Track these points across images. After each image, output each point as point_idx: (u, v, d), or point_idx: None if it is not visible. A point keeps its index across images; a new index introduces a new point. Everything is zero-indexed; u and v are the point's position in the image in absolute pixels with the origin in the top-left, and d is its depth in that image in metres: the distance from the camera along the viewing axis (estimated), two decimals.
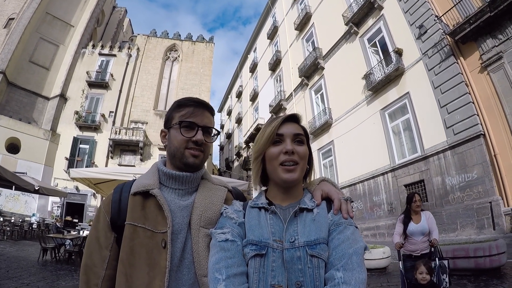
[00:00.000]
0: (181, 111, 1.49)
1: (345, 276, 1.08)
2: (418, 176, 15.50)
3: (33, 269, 9.66)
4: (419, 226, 5.55)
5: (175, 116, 1.50)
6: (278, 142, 1.34)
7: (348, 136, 21.16)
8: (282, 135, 1.34)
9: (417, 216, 5.67)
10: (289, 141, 1.33)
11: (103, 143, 31.63)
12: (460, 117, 13.74)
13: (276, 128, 1.34)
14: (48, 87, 32.99)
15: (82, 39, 35.44)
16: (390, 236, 16.05)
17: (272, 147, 1.34)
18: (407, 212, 5.80)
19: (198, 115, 1.49)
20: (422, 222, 5.57)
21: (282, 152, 1.31)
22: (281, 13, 34.46)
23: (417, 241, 5.56)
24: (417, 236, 5.57)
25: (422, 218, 5.62)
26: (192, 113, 1.48)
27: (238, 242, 1.25)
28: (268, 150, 1.34)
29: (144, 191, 1.39)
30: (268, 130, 1.34)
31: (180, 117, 1.47)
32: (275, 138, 1.34)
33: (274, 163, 1.32)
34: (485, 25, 12.80)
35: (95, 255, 1.38)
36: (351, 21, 21.10)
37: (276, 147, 1.33)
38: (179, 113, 1.49)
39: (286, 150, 1.30)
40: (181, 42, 39.56)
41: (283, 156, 1.30)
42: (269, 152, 1.34)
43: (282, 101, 31.02)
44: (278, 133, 1.34)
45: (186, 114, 1.47)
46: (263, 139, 1.34)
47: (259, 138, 1.37)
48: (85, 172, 8.40)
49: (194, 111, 1.49)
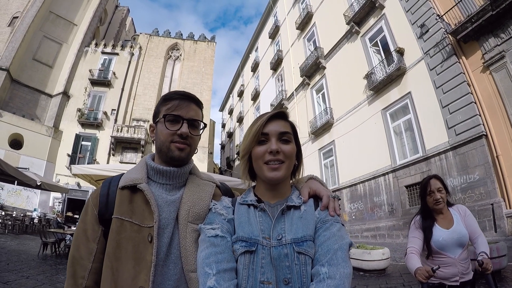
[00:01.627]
0: (167, 104, 1.49)
1: (330, 271, 1.09)
2: (419, 177, 15.33)
3: (33, 262, 9.74)
4: (452, 232, 3.09)
5: (161, 110, 1.50)
6: (264, 142, 1.34)
7: (349, 136, 21.11)
8: (267, 134, 1.34)
9: (444, 216, 3.21)
10: (274, 140, 1.33)
11: (105, 141, 31.78)
12: (462, 118, 13.66)
13: (261, 127, 1.34)
14: (51, 84, 33.29)
15: (85, 38, 35.66)
16: (390, 237, 16.05)
17: (258, 146, 1.34)
18: (425, 211, 3.31)
19: (183, 108, 1.48)
20: (456, 224, 3.13)
21: (267, 151, 1.31)
22: (283, 12, 34.57)
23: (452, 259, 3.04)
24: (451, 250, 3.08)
25: (454, 217, 3.18)
26: (177, 106, 1.47)
27: (228, 238, 1.26)
28: (254, 149, 1.35)
29: (132, 185, 1.40)
30: (254, 129, 1.34)
31: (166, 110, 1.47)
32: (261, 137, 1.34)
33: (259, 162, 1.33)
34: (487, 24, 12.73)
35: (82, 248, 1.39)
36: (353, 20, 21.10)
37: (261, 147, 1.33)
38: (165, 107, 1.49)
39: (271, 150, 1.30)
40: (183, 41, 39.70)
41: (268, 156, 1.31)
42: (255, 151, 1.34)
43: (283, 101, 31.16)
44: (263, 132, 1.34)
45: (171, 108, 1.47)
46: (249, 138, 1.35)
47: (246, 136, 1.39)
48: (86, 169, 8.45)
49: (179, 104, 1.48)
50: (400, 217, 16.14)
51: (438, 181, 3.24)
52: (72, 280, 1.36)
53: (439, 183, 3.23)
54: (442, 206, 3.19)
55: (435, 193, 3.18)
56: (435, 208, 3.20)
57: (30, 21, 31.68)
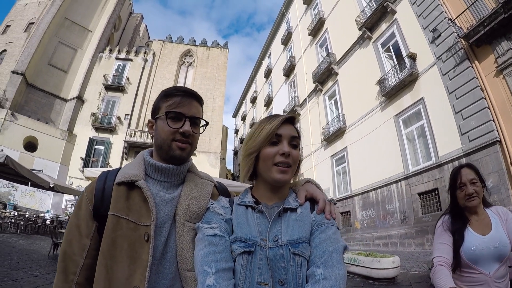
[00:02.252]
0: (168, 101, 1.45)
1: (325, 272, 1.11)
2: (432, 184, 15.20)
3: (43, 262, 9.84)
4: (489, 240, 2.34)
5: (162, 106, 1.46)
6: (275, 143, 1.34)
7: (362, 142, 21.01)
8: (280, 136, 1.34)
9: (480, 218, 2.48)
10: (286, 143, 1.34)
11: (118, 145, 32.28)
12: (475, 123, 13.46)
13: (276, 128, 1.33)
14: (66, 89, 33.99)
15: (99, 44, 36.37)
16: (402, 245, 15.89)
17: (269, 147, 1.34)
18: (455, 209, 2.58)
19: (186, 105, 1.45)
20: (494, 230, 2.39)
21: (279, 153, 1.32)
22: (295, 18, 34.82)
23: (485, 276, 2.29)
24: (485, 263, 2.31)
25: (492, 221, 2.45)
26: (179, 103, 1.43)
27: (226, 238, 1.26)
28: (264, 149, 1.34)
29: (130, 182, 1.36)
30: (267, 129, 1.34)
31: (167, 107, 1.43)
32: (274, 138, 1.34)
33: (268, 162, 1.33)
34: (500, 27, 12.55)
35: (74, 243, 1.35)
36: (364, 26, 21.09)
37: (273, 148, 1.33)
38: (166, 103, 1.44)
39: (283, 152, 1.31)
40: (196, 47, 40.15)
41: (279, 157, 1.32)
42: (265, 151, 1.34)
43: (296, 107, 31.26)
44: (277, 133, 1.34)
45: (173, 104, 1.43)
46: (260, 137, 1.34)
47: (255, 135, 1.37)
48: (99, 172, 8.50)
49: (181, 100, 1.44)
50: (412, 225, 15.91)
51: (472, 171, 2.50)
52: (63, 275, 1.32)
53: (473, 173, 2.48)
54: (476, 202, 2.42)
55: (467, 186, 2.44)
56: (468, 205, 2.43)
57: (46, 27, 32.45)
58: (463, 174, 2.48)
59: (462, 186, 2.47)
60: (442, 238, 2.43)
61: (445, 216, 2.58)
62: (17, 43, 33.05)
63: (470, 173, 2.47)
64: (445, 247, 2.35)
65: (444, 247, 2.35)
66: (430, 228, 14.62)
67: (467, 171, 2.49)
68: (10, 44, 33.34)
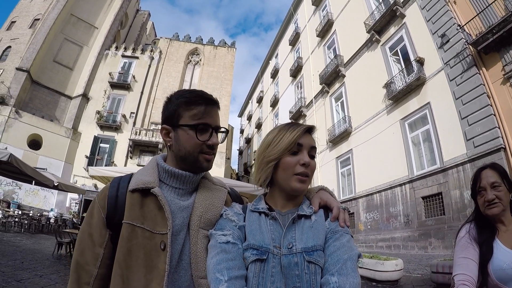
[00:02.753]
0: (191, 109, 1.38)
1: (340, 280, 1.09)
2: (436, 188, 15.26)
3: (47, 262, 9.78)
4: None
5: (184, 115, 1.38)
6: (295, 152, 1.32)
7: (367, 145, 21.05)
8: (301, 146, 1.32)
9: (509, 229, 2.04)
10: (306, 153, 1.33)
11: (123, 143, 32.21)
12: (480, 130, 13.50)
13: (298, 138, 1.32)
14: (71, 86, 33.91)
15: (105, 41, 36.31)
16: (405, 248, 15.93)
17: (289, 156, 1.31)
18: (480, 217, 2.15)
19: (212, 115, 1.41)
20: None
21: (299, 163, 1.30)
22: (303, 19, 34.68)
23: None
24: None
25: None
26: (204, 113, 1.38)
27: (239, 245, 1.25)
28: (285, 158, 1.31)
29: (144, 189, 1.32)
30: (289, 138, 1.31)
31: (192, 117, 1.37)
32: (295, 148, 1.32)
33: (288, 171, 1.30)
34: (509, 35, 12.59)
35: (87, 253, 1.32)
36: (373, 29, 21.08)
37: (293, 157, 1.31)
38: (190, 112, 1.38)
39: (304, 162, 1.30)
40: (203, 46, 40.08)
41: (300, 168, 1.30)
42: (286, 160, 1.31)
43: (302, 108, 31.22)
44: (298, 142, 1.32)
45: (199, 114, 1.37)
46: (282, 145, 1.31)
47: (275, 142, 1.34)
48: (103, 171, 8.59)
49: (206, 110, 1.39)
50: (415, 228, 15.97)
51: (496, 173, 2.06)
52: (76, 286, 1.29)
53: (497, 175, 2.05)
54: (497, 210, 1.98)
55: (487, 191, 2.02)
56: (487, 213, 2.02)
57: (51, 23, 32.38)
58: (484, 177, 2.07)
59: (481, 191, 2.07)
60: (466, 251, 1.96)
61: (470, 225, 2.11)
62: (22, 40, 32.97)
63: (492, 176, 2.05)
64: (470, 263, 1.90)
65: (469, 263, 1.89)
66: (433, 232, 14.73)
67: (489, 173, 2.07)
68: (15, 40, 33.27)
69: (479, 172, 2.12)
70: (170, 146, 1.43)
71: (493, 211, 1.98)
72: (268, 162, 1.34)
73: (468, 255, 1.93)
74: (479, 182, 2.08)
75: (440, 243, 14.26)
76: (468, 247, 1.97)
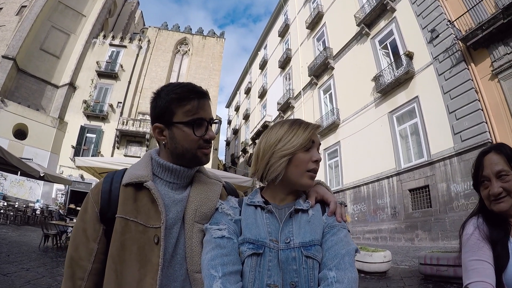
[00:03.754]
0: (184, 105, 1.33)
1: (338, 275, 1.10)
2: (423, 181, 15.48)
3: (33, 254, 9.67)
4: None
5: (177, 112, 1.33)
6: (308, 149, 1.32)
7: (355, 137, 21.17)
8: (313, 143, 1.34)
9: None
10: (317, 150, 1.35)
11: (110, 133, 31.87)
12: (468, 124, 13.69)
13: (313, 135, 1.33)
14: (58, 75, 33.24)
15: (93, 29, 35.65)
16: (392, 240, 16.12)
17: (303, 152, 1.31)
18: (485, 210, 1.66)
19: (205, 109, 1.38)
20: None
21: (312, 160, 1.31)
22: (293, 11, 34.54)
23: None
24: None
25: None
26: (198, 108, 1.35)
27: (234, 240, 1.24)
28: (298, 154, 1.30)
29: (137, 183, 1.31)
30: (305, 134, 1.32)
31: (186, 113, 1.33)
32: (309, 145, 1.33)
33: (301, 168, 1.30)
34: (498, 32, 12.71)
35: (81, 248, 1.31)
36: (363, 22, 21.09)
37: (306, 154, 1.31)
38: (183, 109, 1.33)
39: (317, 159, 1.32)
40: (192, 36, 39.72)
41: (312, 164, 1.31)
42: (299, 156, 1.30)
43: (290, 99, 31.23)
44: (313, 139, 1.34)
45: (193, 110, 1.34)
46: (299, 140, 1.30)
47: (289, 137, 1.32)
48: (90, 161, 8.42)
49: (199, 105, 1.35)
50: (402, 220, 16.20)
51: (502, 158, 1.57)
52: (71, 282, 1.28)
53: (503, 161, 1.56)
54: (505, 206, 1.54)
55: (492, 182, 1.56)
56: (493, 209, 1.57)
57: (39, 10, 31.61)
58: (487, 164, 1.59)
59: (484, 181, 1.60)
60: (479, 252, 1.50)
61: (477, 219, 1.65)
62: (8, 27, 32.24)
63: (498, 162, 1.57)
64: (486, 267, 1.44)
65: (485, 268, 1.44)
66: (420, 224, 14.98)
67: (493, 159, 1.59)
68: (1, 27, 32.48)
69: (482, 158, 1.64)
70: (165, 144, 1.39)
71: (500, 207, 1.54)
72: (281, 157, 1.30)
73: (483, 257, 1.47)
74: (481, 170, 1.61)
75: (426, 235, 14.47)
76: (482, 247, 1.51)
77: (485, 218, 1.61)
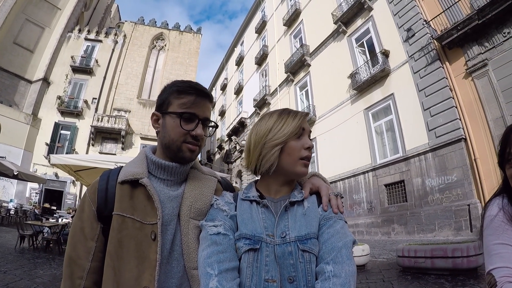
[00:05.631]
0: (181, 98, 1.36)
1: (335, 269, 1.09)
2: (399, 176, 15.77)
3: (10, 256, 9.51)
4: None
5: (173, 103, 1.37)
6: (299, 136, 1.32)
7: (331, 134, 21.36)
8: (304, 130, 1.33)
9: None
10: (307, 137, 1.34)
11: (85, 130, 31.19)
12: (442, 121, 14.04)
13: (302, 122, 1.33)
14: (31, 70, 32.23)
15: (68, 23, 34.71)
16: (369, 234, 16.35)
17: (295, 140, 1.30)
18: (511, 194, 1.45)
19: (200, 106, 1.38)
20: None
21: (304, 147, 1.30)
22: (271, 8, 34.43)
23: None
24: None
25: None
26: (193, 103, 1.36)
27: (230, 236, 1.24)
28: (290, 142, 1.29)
29: (133, 180, 1.32)
30: (295, 121, 1.31)
31: (181, 105, 1.35)
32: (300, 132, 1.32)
33: (294, 156, 1.29)
34: (472, 32, 13.03)
35: (79, 247, 1.30)
36: (340, 20, 21.23)
37: (298, 141, 1.31)
38: (179, 101, 1.36)
39: (309, 146, 1.31)
40: (169, 31, 39.18)
41: (305, 152, 1.30)
42: (291, 144, 1.29)
43: (266, 96, 31.19)
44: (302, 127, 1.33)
45: (187, 104, 1.35)
46: (289, 128, 1.30)
47: (279, 126, 1.31)
48: (66, 159, 8.29)
49: (195, 101, 1.37)
50: (378, 214, 16.51)
51: None
52: (70, 281, 1.28)
53: None
54: None
55: None
56: None
57: (13, 2, 30.51)
58: None
59: (511, 160, 1.43)
60: (504, 235, 1.37)
61: (502, 200, 1.48)
62: None
63: None
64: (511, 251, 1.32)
65: (510, 252, 1.32)
66: (396, 218, 15.27)
67: None
68: None
69: (510, 134, 1.45)
70: (158, 133, 1.43)
71: None
72: (273, 147, 1.29)
73: (508, 241, 1.35)
74: (508, 147, 1.43)
75: (403, 229, 14.78)
76: (506, 230, 1.38)
77: (510, 199, 1.47)
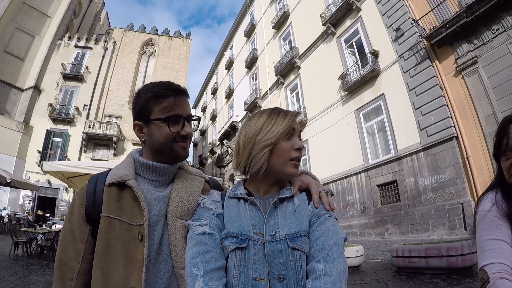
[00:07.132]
0: (161, 103, 1.36)
1: (326, 267, 1.08)
2: (391, 176, 15.77)
3: (4, 263, 9.46)
4: None
5: (154, 109, 1.37)
6: (289, 137, 1.30)
7: (323, 135, 21.36)
8: (294, 130, 1.32)
9: None
10: (298, 138, 1.33)
11: (77, 137, 31.12)
12: (434, 120, 14.06)
13: (293, 122, 1.31)
14: (22, 78, 32.15)
15: (58, 31, 34.66)
16: (362, 235, 16.32)
17: (285, 141, 1.28)
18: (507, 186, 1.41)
19: (182, 105, 1.39)
20: None
21: (294, 148, 1.29)
22: (259, 11, 34.51)
23: None
24: None
25: None
26: (174, 105, 1.36)
27: (216, 235, 1.23)
28: (280, 144, 1.27)
29: (120, 182, 1.33)
30: (285, 122, 1.29)
31: (162, 110, 1.35)
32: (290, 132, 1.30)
33: (284, 156, 1.28)
34: (461, 30, 13.08)
35: (69, 249, 1.32)
36: (329, 21, 21.30)
37: (288, 142, 1.29)
38: (159, 106, 1.36)
39: (299, 146, 1.30)
40: (158, 37, 39.29)
41: (294, 153, 1.29)
42: (281, 145, 1.28)
43: (257, 99, 31.23)
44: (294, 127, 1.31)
45: (169, 107, 1.36)
46: (279, 129, 1.27)
47: (269, 126, 1.29)
48: (58, 166, 8.25)
49: (175, 101, 1.37)
50: (372, 215, 16.48)
51: None
52: (60, 283, 1.29)
53: None
54: None
55: None
56: None
57: (3, 11, 30.37)
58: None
59: (507, 152, 1.40)
60: (497, 231, 1.33)
61: (495, 194, 1.44)
62: None
63: None
64: (505, 247, 1.28)
65: (503, 248, 1.28)
66: (389, 218, 15.24)
67: None
68: None
69: (507, 126, 1.41)
70: (145, 141, 1.43)
71: None
72: (263, 148, 1.27)
73: (501, 236, 1.31)
74: (505, 138, 1.39)
75: (396, 229, 14.76)
76: (499, 225, 1.34)
77: (504, 193, 1.42)
